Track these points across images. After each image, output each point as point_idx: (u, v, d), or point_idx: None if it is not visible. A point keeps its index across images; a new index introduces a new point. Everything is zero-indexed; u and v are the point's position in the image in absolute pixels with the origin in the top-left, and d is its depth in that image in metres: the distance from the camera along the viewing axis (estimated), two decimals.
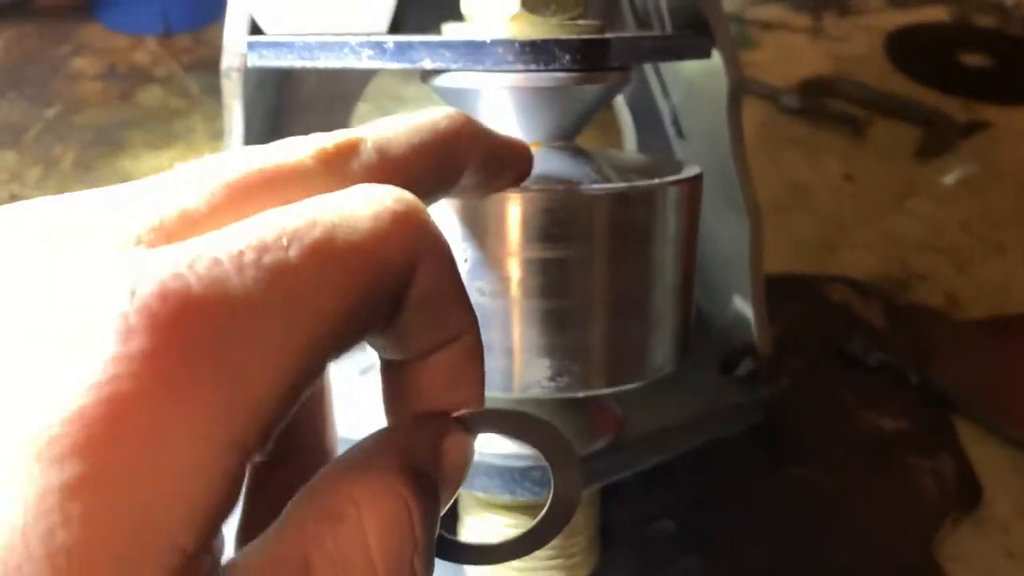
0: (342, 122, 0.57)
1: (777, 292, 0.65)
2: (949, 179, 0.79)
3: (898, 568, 0.50)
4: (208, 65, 0.90)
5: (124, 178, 0.75)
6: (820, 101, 0.86)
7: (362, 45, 0.37)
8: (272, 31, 0.40)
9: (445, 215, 0.35)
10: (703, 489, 0.54)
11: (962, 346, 0.64)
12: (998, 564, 0.51)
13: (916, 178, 0.79)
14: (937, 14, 0.99)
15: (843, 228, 0.74)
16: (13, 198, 0.74)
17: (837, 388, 0.60)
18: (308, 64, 0.39)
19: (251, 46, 0.39)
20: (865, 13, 1.00)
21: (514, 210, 0.34)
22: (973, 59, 0.93)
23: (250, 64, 0.40)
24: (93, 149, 0.79)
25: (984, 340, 0.64)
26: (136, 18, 0.94)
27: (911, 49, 0.94)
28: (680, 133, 0.55)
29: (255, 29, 0.41)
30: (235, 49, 0.41)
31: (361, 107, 0.58)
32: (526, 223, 0.34)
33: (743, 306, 0.52)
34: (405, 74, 0.93)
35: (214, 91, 0.86)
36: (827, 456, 0.56)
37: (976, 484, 0.55)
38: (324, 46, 0.38)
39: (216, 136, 0.81)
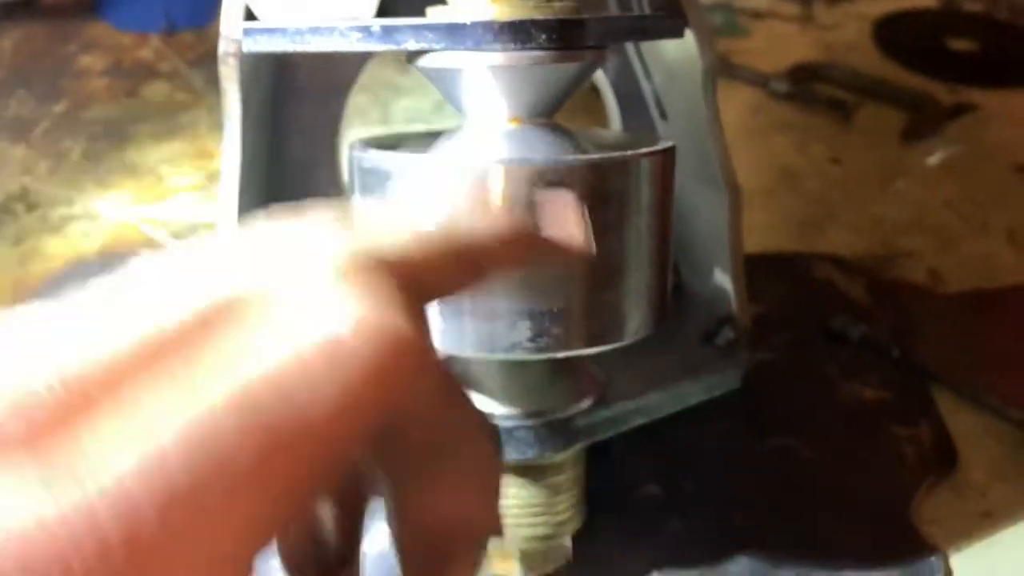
0: (337, 111, 0.59)
1: (763, 270, 0.67)
2: (934, 160, 0.81)
3: (877, 530, 0.52)
4: (211, 60, 0.91)
5: (131, 169, 0.78)
6: (808, 86, 0.88)
7: (350, 29, 0.39)
8: (266, 18, 0.42)
9: (426, 184, 0.37)
10: (689, 457, 0.56)
11: (943, 319, 0.65)
12: (975, 524, 0.53)
13: (902, 160, 0.81)
14: (925, 0, 1.01)
15: (830, 210, 0.76)
16: (24, 189, 0.77)
17: (820, 361, 0.62)
18: (300, 48, 0.41)
19: (246, 32, 0.42)
20: (854, 1, 1.01)
21: (494, 181, 0.36)
22: (960, 44, 0.95)
23: (245, 49, 0.42)
24: (101, 142, 0.81)
25: (965, 313, 0.66)
26: (140, 16, 0.97)
27: (899, 35, 0.95)
28: (663, 114, 0.57)
29: (250, 17, 0.43)
30: (231, 35, 0.43)
31: (359, 98, 0.60)
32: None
33: (723, 279, 0.54)
34: (401, 64, 0.95)
35: (217, 84, 0.88)
36: (810, 425, 0.58)
37: (953, 450, 0.56)
38: (315, 30, 0.40)
39: (219, 127, 0.83)
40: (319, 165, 0.58)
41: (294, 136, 0.57)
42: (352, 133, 0.60)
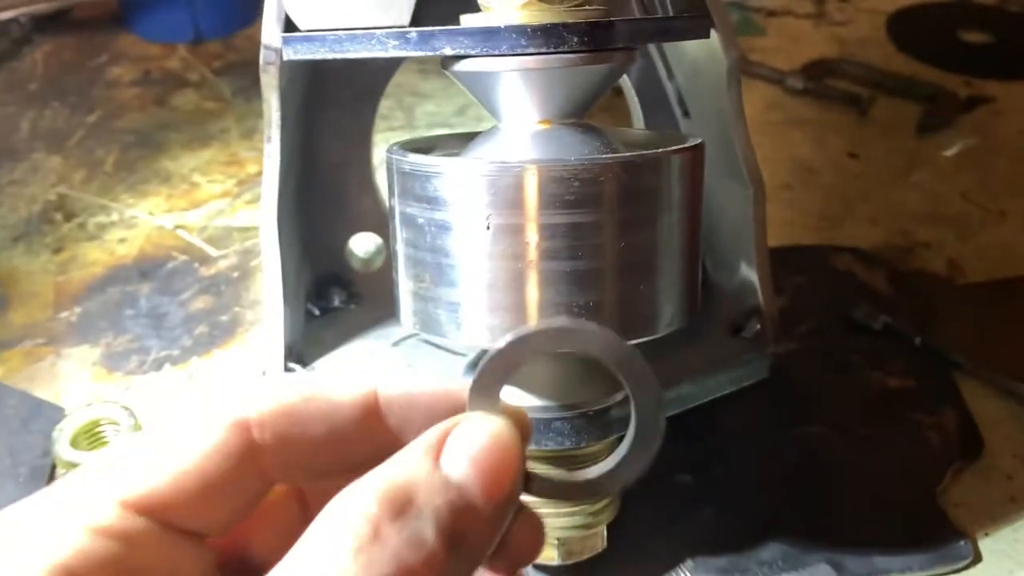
0: (368, 115, 0.60)
1: (785, 263, 0.68)
2: (950, 152, 0.82)
3: (905, 515, 0.53)
4: (238, 69, 0.94)
5: (165, 178, 0.80)
6: (824, 82, 0.89)
7: (387, 36, 0.41)
8: (305, 27, 0.44)
9: (468, 185, 0.38)
10: (719, 446, 0.57)
11: (964, 307, 0.66)
12: (1002, 508, 0.54)
13: (919, 153, 0.82)
14: None
15: (848, 203, 0.77)
16: (61, 198, 0.79)
17: (844, 351, 0.63)
18: (339, 55, 0.42)
19: (286, 41, 0.43)
20: None
21: (531, 180, 0.38)
22: (973, 36, 0.96)
23: (286, 58, 0.44)
24: (133, 151, 0.83)
25: (985, 301, 0.67)
26: (168, 27, 0.99)
27: (912, 29, 0.96)
28: (686, 113, 0.58)
29: (289, 27, 0.45)
30: (271, 45, 0.45)
31: (384, 103, 0.62)
32: (542, 191, 0.38)
33: (749, 273, 0.55)
34: (423, 70, 0.97)
35: (245, 93, 0.91)
36: (836, 413, 0.59)
37: (978, 436, 0.57)
38: (353, 38, 0.42)
39: (248, 135, 0.85)
40: (350, 166, 0.60)
41: (327, 139, 0.58)
42: (378, 137, 0.62)
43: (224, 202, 0.77)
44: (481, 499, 0.25)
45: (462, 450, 0.26)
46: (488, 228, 0.39)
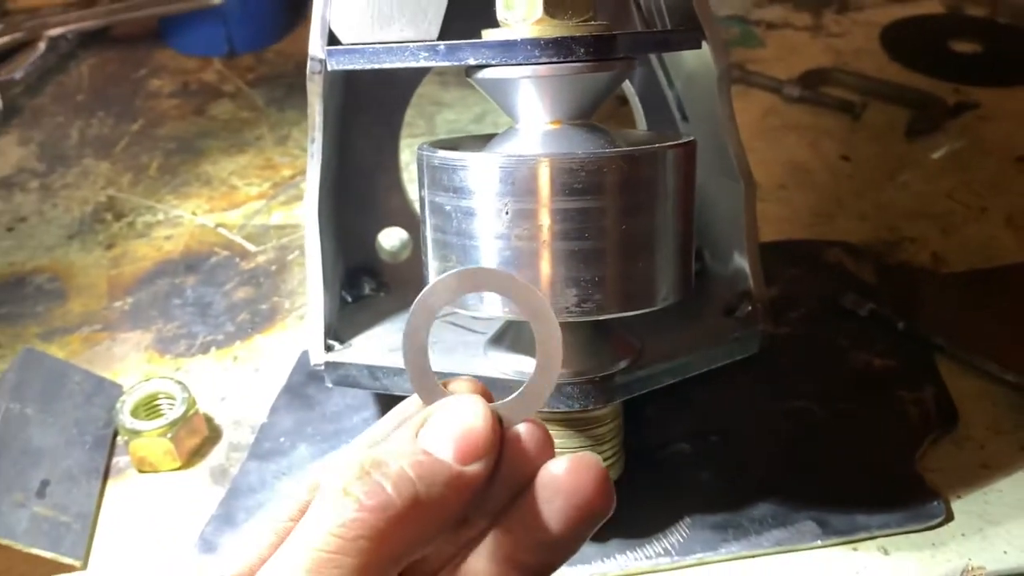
0: (397, 121, 0.66)
1: (778, 256, 0.74)
2: (937, 155, 0.87)
3: (885, 479, 0.59)
4: (270, 81, 1.01)
5: (206, 181, 0.86)
6: (819, 90, 0.95)
7: (419, 48, 0.47)
8: (347, 41, 0.50)
9: (490, 175, 0.44)
10: (715, 419, 0.63)
11: (945, 295, 0.72)
12: (974, 473, 0.59)
13: (907, 155, 0.87)
14: (932, 7, 1.08)
15: (840, 201, 0.83)
16: (111, 200, 0.85)
17: (832, 334, 0.69)
18: (376, 65, 0.49)
19: (330, 53, 0.50)
20: (863, 9, 1.08)
21: (544, 170, 0.44)
22: (964, 46, 1.01)
23: (329, 68, 0.50)
24: (175, 157, 0.90)
25: (965, 289, 0.72)
26: (203, 42, 1.06)
27: (905, 39, 1.02)
28: (684, 117, 0.64)
29: (333, 41, 0.51)
30: (316, 56, 0.51)
31: (407, 112, 0.68)
32: (554, 180, 0.44)
33: (741, 261, 0.61)
34: (443, 82, 1.03)
35: (277, 103, 0.97)
36: (823, 389, 0.65)
37: (953, 409, 0.63)
38: (389, 51, 0.48)
39: (282, 141, 0.92)
40: (381, 168, 0.66)
41: (360, 143, 0.64)
42: (402, 143, 0.68)
43: (261, 203, 0.84)
44: (450, 457, 0.30)
45: (435, 422, 0.31)
46: (507, 213, 0.45)
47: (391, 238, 0.68)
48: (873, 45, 1.02)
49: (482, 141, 0.52)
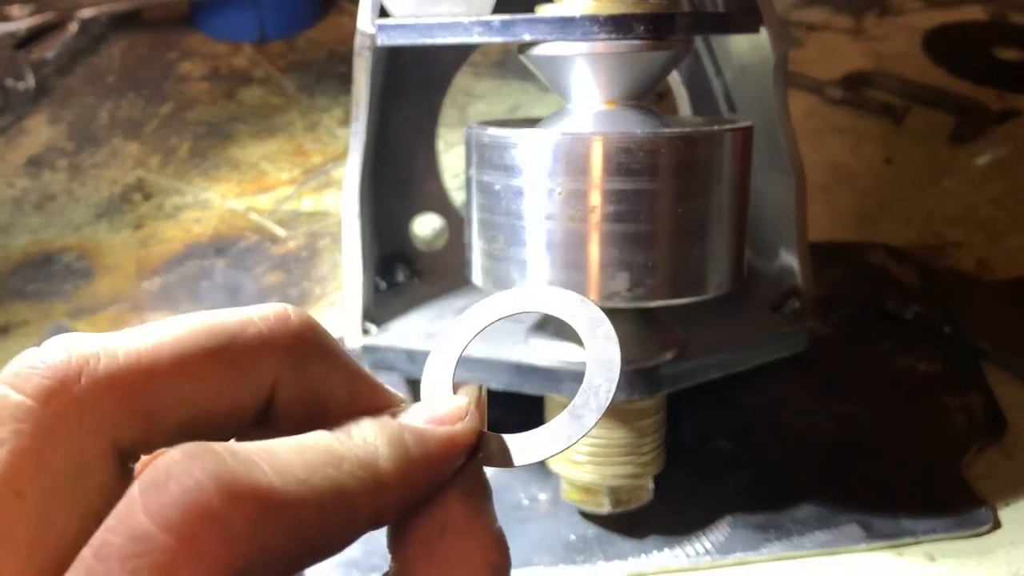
0: (435, 105, 0.65)
1: (821, 258, 0.72)
2: (982, 161, 0.85)
3: (930, 484, 0.57)
4: (301, 68, 1.00)
5: (235, 165, 0.85)
6: (861, 92, 0.93)
7: (473, 23, 0.46)
8: (397, 14, 0.49)
9: (542, 154, 0.43)
10: (757, 419, 0.61)
11: (992, 302, 0.70)
12: (1022, 482, 0.57)
13: (951, 161, 0.86)
14: (973, 13, 1.06)
15: (883, 205, 0.81)
16: (140, 181, 0.84)
17: (876, 338, 0.67)
18: (427, 41, 0.47)
19: (380, 28, 0.48)
20: (904, 13, 1.06)
21: (599, 149, 0.43)
22: (1007, 53, 1.00)
23: (379, 43, 0.49)
24: (205, 140, 0.89)
25: (1011, 297, 0.70)
26: (234, 27, 1.05)
27: (948, 45, 1.00)
28: (732, 108, 0.63)
29: (383, 14, 0.50)
30: (366, 31, 0.49)
31: None
32: (608, 160, 0.43)
33: (789, 258, 0.60)
34: (476, 73, 1.02)
35: (308, 90, 0.96)
36: (867, 393, 0.63)
37: (1001, 417, 0.61)
38: (442, 26, 0.47)
39: (312, 128, 0.90)
40: (418, 152, 0.64)
41: (398, 127, 0.63)
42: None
43: (291, 189, 0.83)
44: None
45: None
46: (559, 193, 0.43)
47: (426, 225, 0.66)
48: (915, 50, 1.00)
49: (530, 125, 0.51)
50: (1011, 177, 0.84)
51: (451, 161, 0.73)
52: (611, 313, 0.47)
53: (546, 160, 0.43)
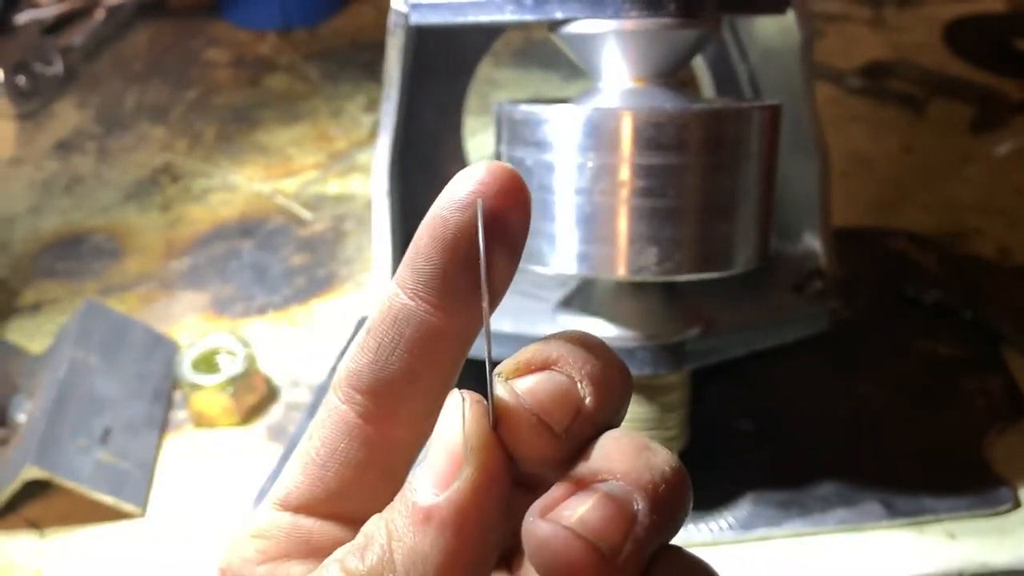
0: (462, 88, 0.66)
1: (843, 243, 0.72)
2: (1002, 150, 0.86)
3: (951, 465, 0.57)
4: (324, 56, 1.01)
5: (261, 149, 0.86)
6: (880, 82, 0.93)
7: (505, 1, 0.47)
8: None
9: (572, 128, 0.44)
10: (777, 399, 0.62)
11: (1012, 287, 0.70)
12: None
13: (972, 150, 0.86)
14: (993, 4, 1.06)
15: (904, 192, 0.81)
16: (167, 164, 0.85)
17: (897, 321, 0.68)
18: (460, 20, 0.48)
19: (413, 7, 0.49)
20: (924, 5, 1.07)
21: (629, 124, 0.43)
22: None
23: (411, 22, 0.50)
24: (231, 125, 0.90)
25: None
26: (258, 15, 1.06)
27: (968, 36, 1.00)
28: (756, 92, 0.63)
29: None
30: (399, 9, 0.50)
31: None
32: (638, 135, 0.43)
33: (812, 240, 0.60)
34: (497, 62, 1.02)
35: (332, 78, 0.97)
36: (888, 375, 0.63)
37: (1021, 400, 0.61)
38: (474, 4, 0.48)
39: (336, 115, 0.91)
40: (445, 134, 0.65)
41: (425, 109, 0.64)
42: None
43: (316, 173, 0.84)
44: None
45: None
46: (590, 167, 0.44)
47: None
48: (934, 40, 1.01)
49: (558, 103, 0.52)
50: None
51: (474, 147, 0.73)
52: (639, 287, 0.48)
53: (577, 135, 0.44)
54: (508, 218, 0.24)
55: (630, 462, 0.23)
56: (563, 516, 0.22)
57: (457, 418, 0.23)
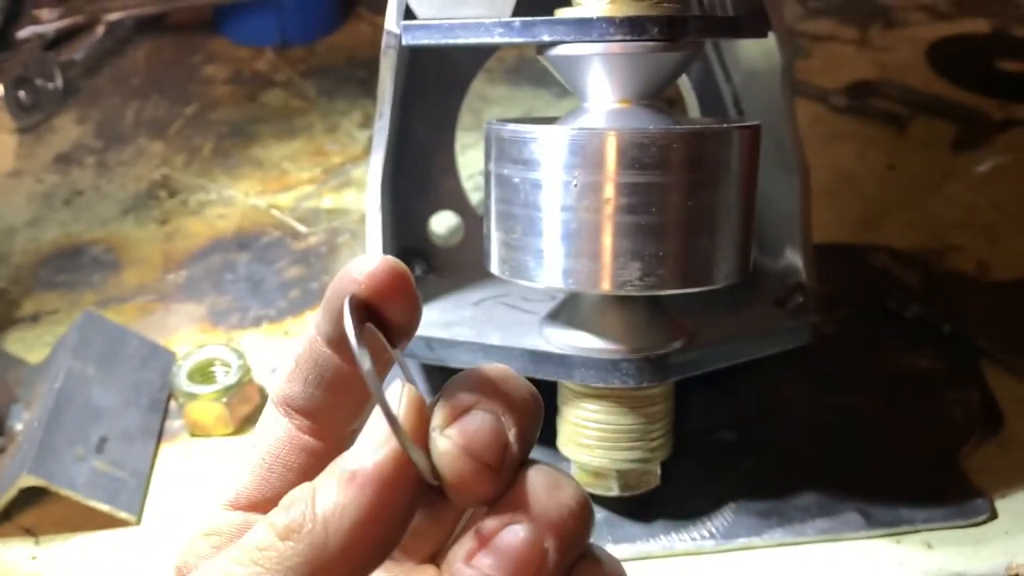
0: (454, 105, 0.67)
1: (826, 259, 0.74)
2: (984, 168, 0.87)
3: (929, 475, 0.59)
4: (321, 73, 1.03)
5: (258, 164, 0.88)
6: (865, 101, 0.95)
7: (494, 24, 0.48)
8: (423, 16, 0.51)
9: (558, 147, 0.45)
10: (759, 410, 0.63)
11: (991, 302, 0.72)
12: (1018, 474, 0.59)
13: (954, 167, 0.88)
14: (977, 25, 1.08)
15: (886, 209, 0.83)
16: (164, 178, 0.87)
17: (879, 335, 0.69)
18: (450, 41, 0.50)
19: (406, 28, 0.51)
20: (909, 25, 1.09)
21: (613, 144, 0.45)
22: (1009, 64, 1.02)
23: (404, 43, 0.51)
24: (229, 140, 0.92)
25: (1011, 297, 0.72)
26: (256, 32, 1.08)
27: (952, 56, 1.02)
28: (741, 112, 0.65)
29: (409, 18, 0.52)
30: (392, 31, 0.52)
31: None
32: (622, 154, 0.45)
33: (793, 256, 0.62)
34: (491, 78, 1.04)
35: (328, 94, 0.99)
36: (869, 387, 0.65)
37: (998, 412, 0.63)
38: (464, 26, 0.49)
39: (332, 130, 0.93)
40: (438, 150, 0.67)
41: (418, 125, 0.66)
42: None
43: (312, 187, 0.85)
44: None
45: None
46: (575, 185, 0.46)
47: (443, 223, 0.69)
48: (919, 60, 1.03)
49: (548, 121, 0.53)
50: (1012, 184, 0.86)
51: (466, 163, 0.75)
52: (624, 301, 0.50)
53: (563, 154, 0.45)
54: (387, 307, 0.29)
55: (542, 503, 0.27)
56: (484, 564, 0.27)
57: (394, 400, 0.27)
